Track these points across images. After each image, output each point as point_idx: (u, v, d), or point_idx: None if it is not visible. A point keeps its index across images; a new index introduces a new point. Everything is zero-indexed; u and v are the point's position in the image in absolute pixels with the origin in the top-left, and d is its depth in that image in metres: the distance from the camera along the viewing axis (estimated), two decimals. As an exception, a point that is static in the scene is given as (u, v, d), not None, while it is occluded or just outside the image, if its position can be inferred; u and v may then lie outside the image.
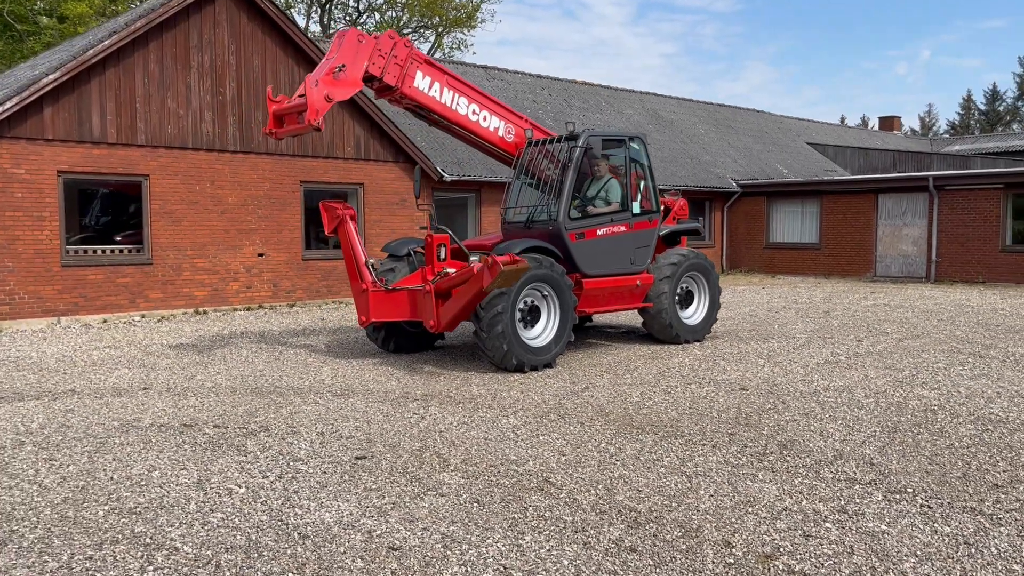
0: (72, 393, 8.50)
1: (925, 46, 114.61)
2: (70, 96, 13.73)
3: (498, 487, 5.36)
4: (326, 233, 10.44)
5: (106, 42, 13.80)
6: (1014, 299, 17.30)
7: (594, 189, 10.89)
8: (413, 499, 5.15)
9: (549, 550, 4.34)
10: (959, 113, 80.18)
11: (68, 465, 5.93)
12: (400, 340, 10.79)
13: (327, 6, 38.92)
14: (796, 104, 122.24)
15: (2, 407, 7.83)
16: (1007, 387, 8.33)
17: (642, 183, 11.18)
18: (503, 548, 4.37)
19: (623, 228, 10.78)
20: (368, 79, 9.92)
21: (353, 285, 10.19)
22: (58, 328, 13.55)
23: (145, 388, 8.75)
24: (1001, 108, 77.61)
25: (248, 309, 15.85)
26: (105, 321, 14.19)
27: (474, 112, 10.88)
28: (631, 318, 14.34)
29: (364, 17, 40.39)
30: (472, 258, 9.88)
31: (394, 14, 39.88)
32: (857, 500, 5.03)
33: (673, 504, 5.01)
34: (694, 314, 11.64)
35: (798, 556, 4.22)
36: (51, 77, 13.24)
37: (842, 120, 64.13)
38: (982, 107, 78.35)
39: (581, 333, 12.29)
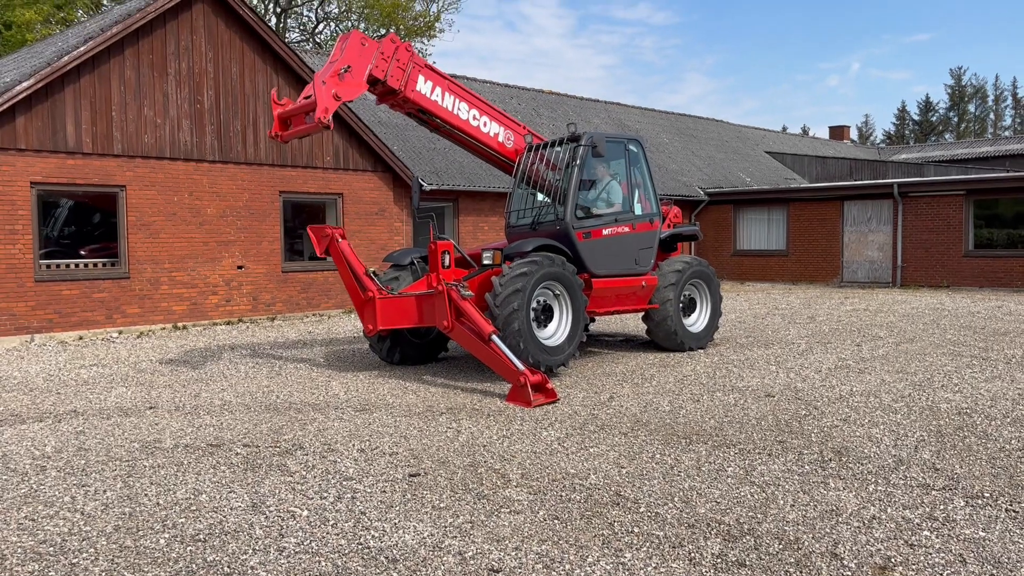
0: (75, 414, 8.08)
1: (855, 59, 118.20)
2: (43, 104, 13.16)
3: (571, 502, 5.20)
4: (318, 255, 10.22)
5: (81, 48, 13.28)
6: (984, 302, 17.74)
7: (595, 190, 10.89)
8: (489, 517, 4.96)
9: (656, 567, 4.20)
10: (894, 123, 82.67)
11: (104, 491, 5.59)
12: (406, 350, 10.56)
13: (282, 15, 38.32)
14: (735, 114, 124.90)
15: (6, 430, 7.39)
16: (1025, 389, 8.46)
17: (641, 185, 11.19)
18: (608, 567, 4.21)
19: (627, 228, 10.78)
20: (372, 82, 9.75)
21: (355, 298, 9.93)
22: (32, 346, 12.94)
23: (151, 407, 8.36)
24: (934, 119, 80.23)
25: (229, 323, 15.38)
26: (81, 338, 13.60)
27: (475, 117, 10.77)
28: (623, 326, 14.31)
29: (320, 27, 39.93)
30: (485, 253, 9.83)
31: (350, 24, 39.47)
32: (941, 507, 4.99)
33: (759, 515, 4.90)
34: (697, 321, 11.64)
35: (913, 567, 4.14)
36: (24, 85, 12.68)
37: (783, 130, 65.53)
38: (916, 117, 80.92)
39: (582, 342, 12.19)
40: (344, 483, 5.68)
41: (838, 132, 45.34)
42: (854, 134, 70.27)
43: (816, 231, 24.33)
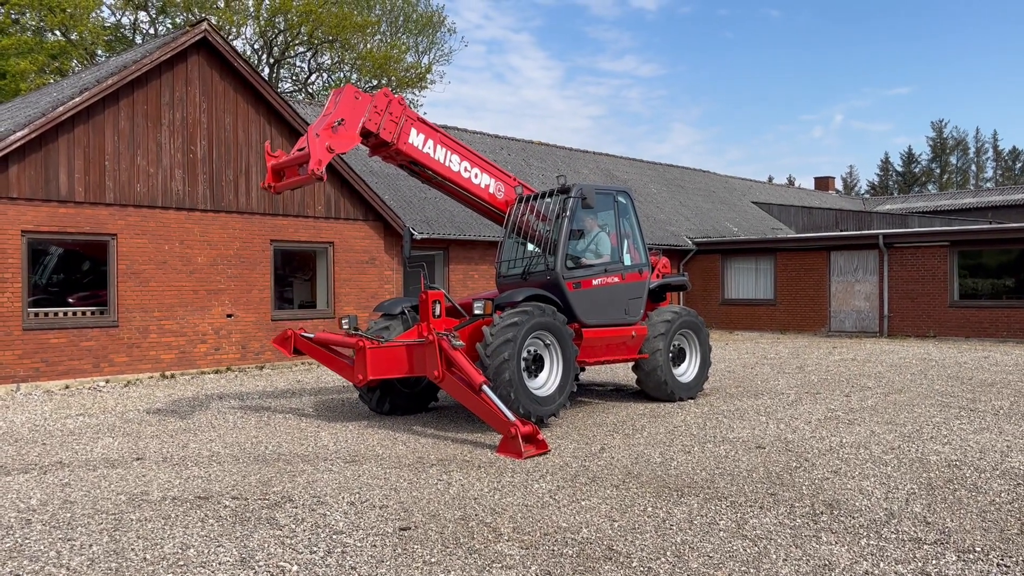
0: (61, 465, 7.99)
1: (838, 111, 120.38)
2: (37, 154, 13.25)
3: (563, 557, 5.17)
4: (288, 356, 10.61)
5: (76, 99, 13.41)
6: (971, 353, 17.86)
7: (585, 241, 10.99)
8: (480, 572, 4.92)
9: (649, 624, 4.17)
10: (878, 174, 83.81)
11: (91, 545, 5.52)
12: (396, 400, 10.52)
13: (275, 66, 38.82)
14: (720, 164, 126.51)
15: (-9, 483, 7.30)
16: (1014, 441, 8.49)
17: (630, 236, 11.31)
18: (601, 624, 4.18)
19: (616, 279, 10.88)
20: (365, 134, 9.90)
21: (337, 365, 10.05)
22: (18, 395, 12.82)
23: (139, 458, 8.28)
24: (917, 170, 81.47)
25: (217, 372, 15.29)
26: (67, 387, 13.49)
27: (466, 169, 10.92)
28: (613, 375, 14.31)
29: (313, 77, 40.43)
30: (476, 302, 9.85)
31: (343, 75, 40.01)
32: (934, 561, 4.99)
33: (751, 570, 4.88)
34: (687, 371, 11.66)
35: (906, 622, 4.13)
36: (18, 135, 12.76)
37: (770, 180, 66.23)
38: (899, 169, 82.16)
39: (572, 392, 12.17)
40: (334, 537, 5.63)
41: (823, 183, 45.98)
42: (839, 184, 71.26)
43: (803, 281, 24.53)
